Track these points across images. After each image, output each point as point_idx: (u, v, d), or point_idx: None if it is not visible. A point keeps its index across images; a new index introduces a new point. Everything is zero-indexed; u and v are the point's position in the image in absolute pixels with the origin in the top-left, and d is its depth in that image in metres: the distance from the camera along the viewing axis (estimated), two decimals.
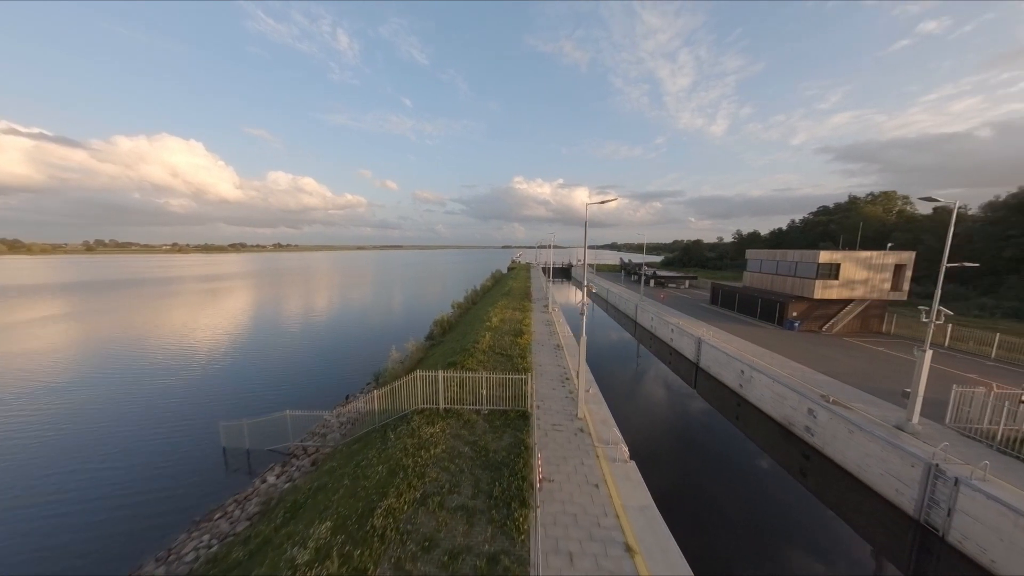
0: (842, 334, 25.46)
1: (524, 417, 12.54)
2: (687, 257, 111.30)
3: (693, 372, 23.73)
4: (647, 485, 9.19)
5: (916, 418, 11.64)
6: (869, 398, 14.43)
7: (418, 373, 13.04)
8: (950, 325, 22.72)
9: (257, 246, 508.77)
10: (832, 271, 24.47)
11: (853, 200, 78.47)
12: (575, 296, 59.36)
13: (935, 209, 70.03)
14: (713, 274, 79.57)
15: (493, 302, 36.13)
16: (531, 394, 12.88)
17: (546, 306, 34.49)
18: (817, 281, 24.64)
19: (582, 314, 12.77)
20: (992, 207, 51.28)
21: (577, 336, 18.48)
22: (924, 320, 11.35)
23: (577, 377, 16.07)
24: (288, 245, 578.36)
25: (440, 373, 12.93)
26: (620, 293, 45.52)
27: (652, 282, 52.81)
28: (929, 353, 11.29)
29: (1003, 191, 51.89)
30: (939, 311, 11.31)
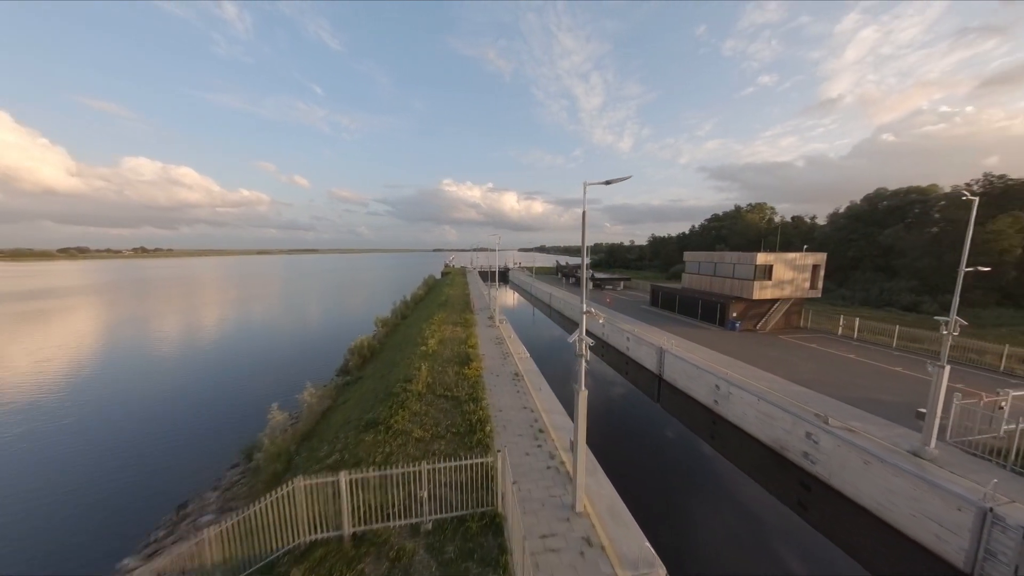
0: (772, 332, 26.54)
1: (494, 527, 7.75)
2: (612, 259, 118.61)
3: (655, 385, 21.75)
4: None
5: (933, 443, 10.23)
6: (857, 412, 13.32)
7: (301, 483, 7.19)
8: (857, 318, 25.12)
9: (107, 251, 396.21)
10: (767, 272, 25.18)
11: (737, 209, 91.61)
12: (517, 301, 56.08)
13: (792, 217, 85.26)
14: (636, 274, 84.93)
15: (428, 316, 30.14)
16: (503, 485, 8.12)
17: (491, 317, 29.92)
18: (755, 282, 25.10)
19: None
20: (835, 217, 64.35)
21: (544, 357, 14.30)
22: (944, 332, 9.93)
23: (554, 428, 11.86)
24: (157, 250, 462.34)
25: (343, 478, 7.29)
26: (565, 298, 43.47)
27: (591, 285, 52.39)
28: (947, 369, 9.91)
29: (815, 206, 65.06)
30: (956, 322, 10.04)
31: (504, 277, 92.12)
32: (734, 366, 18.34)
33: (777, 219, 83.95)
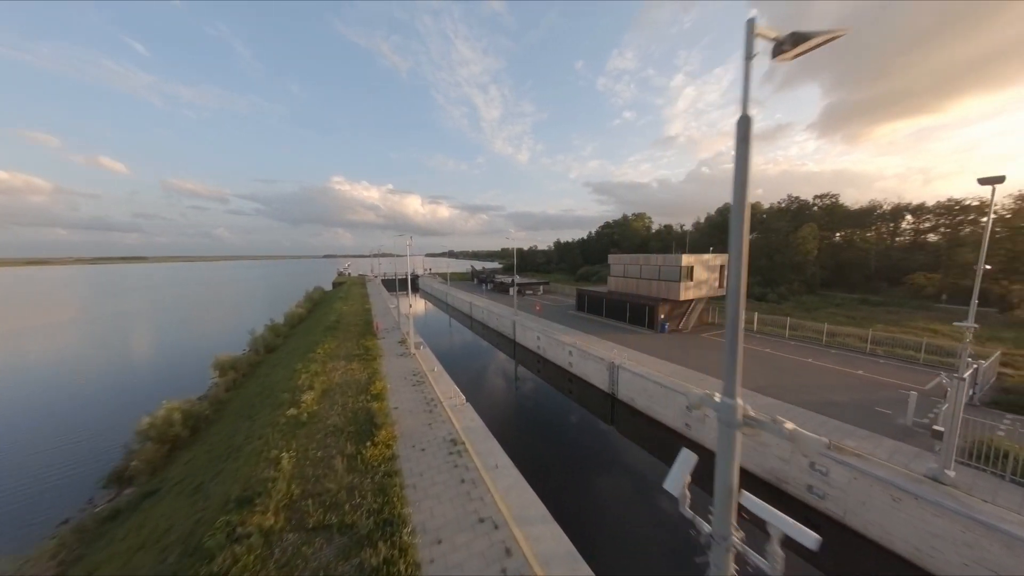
0: (693, 331, 27.21)
1: None
2: (523, 263, 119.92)
3: (608, 406, 18.73)
4: None
5: (952, 464, 8.93)
6: (830, 423, 12.15)
7: None
8: (756, 313, 27.66)
9: None
10: (689, 273, 25.41)
11: (625, 217, 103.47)
12: (431, 313, 48.43)
13: (664, 225, 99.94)
14: (547, 277, 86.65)
15: (309, 347, 21.04)
16: None
17: (403, 342, 22.72)
18: (681, 283, 25.02)
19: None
20: (698, 225, 77.98)
21: (486, 398, 9.10)
22: (967, 340, 8.61)
23: (542, 560, 6.66)
24: None
25: None
26: (488, 307, 38.51)
27: (511, 290, 49.04)
28: (966, 382, 8.64)
29: (668, 218, 79.02)
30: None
31: (413, 285, 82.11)
32: (690, 377, 16.47)
33: (654, 227, 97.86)
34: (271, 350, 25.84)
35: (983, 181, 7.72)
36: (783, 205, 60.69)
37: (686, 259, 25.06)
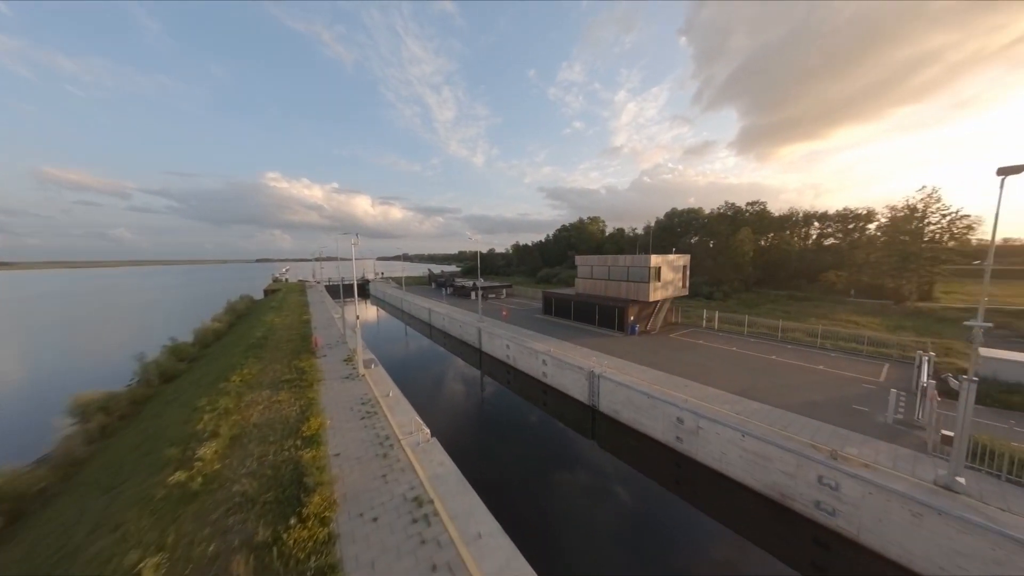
0: (661, 332, 27.07)
1: None
2: (483, 266, 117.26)
3: (588, 419, 17.13)
4: None
5: (962, 471, 8.46)
6: (831, 429, 11.63)
7: None
8: (716, 312, 28.39)
9: None
10: (657, 273, 25.11)
11: (581, 220, 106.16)
12: (384, 322, 43.62)
13: (616, 228, 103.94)
14: (508, 279, 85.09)
15: (220, 375, 16.45)
16: None
17: (350, 360, 19.02)
18: (651, 283, 24.59)
19: None
20: (648, 229, 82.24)
21: (459, 431, 7.51)
22: (972, 342, 8.14)
23: None
24: None
25: None
26: (449, 314, 35.33)
27: (473, 294, 46.22)
28: (975, 384, 8.19)
29: (616, 223, 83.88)
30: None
31: (364, 291, 75.00)
32: (675, 384, 15.46)
33: (608, 231, 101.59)
34: (169, 379, 20.18)
35: (1002, 171, 7.20)
36: (722, 211, 65.95)
37: (654, 259, 24.71)
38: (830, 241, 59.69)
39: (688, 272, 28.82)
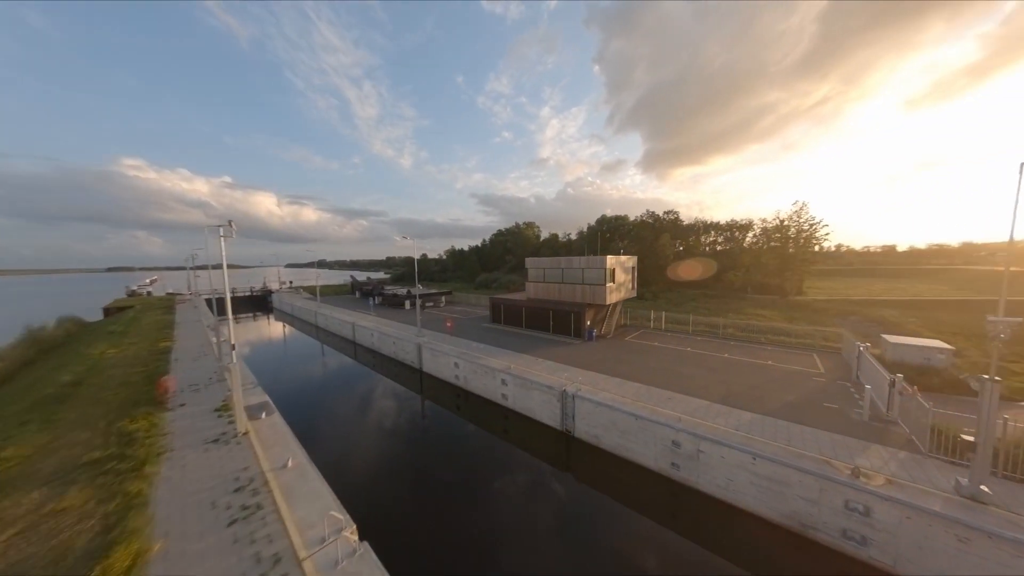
0: (616, 336, 26.15)
1: None
2: (419, 271, 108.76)
3: (563, 447, 14.35)
4: None
5: (986, 477, 7.81)
6: (827, 436, 10.77)
7: None
8: (653, 312, 28.74)
9: None
10: (612, 275, 24.02)
11: (517, 225, 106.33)
12: (291, 343, 34.65)
13: (551, 234, 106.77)
14: (444, 286, 79.62)
15: None
16: None
17: (224, 410, 12.81)
18: (607, 286, 23.31)
19: None
20: (581, 235, 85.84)
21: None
22: (996, 337, 7.48)
23: None
24: None
25: None
26: (378, 328, 29.35)
27: (408, 304, 40.33)
28: (998, 383, 7.57)
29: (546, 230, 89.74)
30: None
31: (263, 304, 61.19)
32: (657, 398, 13.69)
33: (543, 236, 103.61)
34: None
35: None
36: (645, 219, 72.01)
37: (609, 260, 23.55)
38: (721, 247, 69.76)
39: (636, 273, 28.74)
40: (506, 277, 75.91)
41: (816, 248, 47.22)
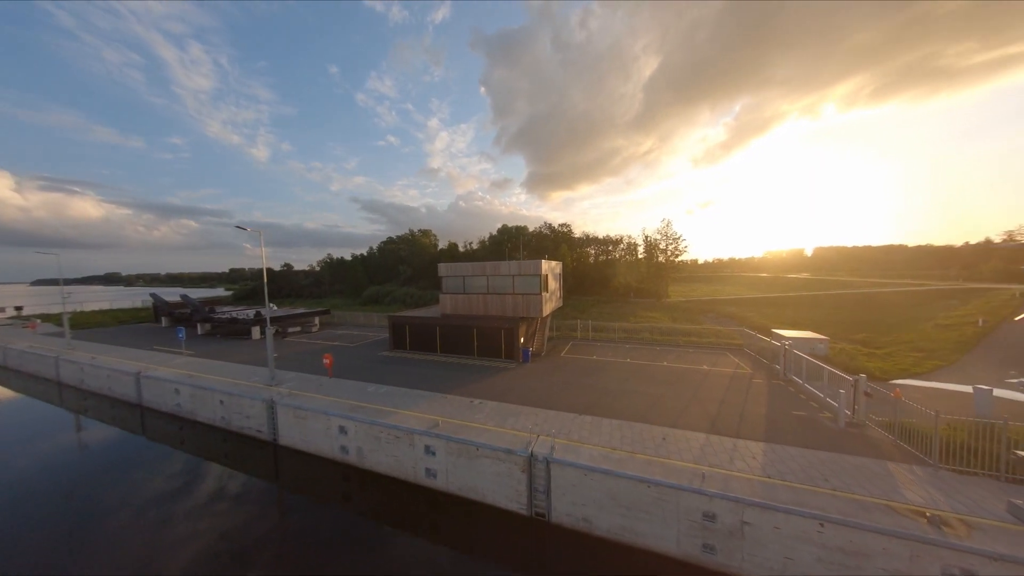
0: (550, 353, 22.82)
1: None
2: (280, 286, 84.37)
3: (532, 540, 9.33)
4: None
5: None
6: (837, 460, 9.16)
7: None
8: (589, 321, 27.13)
9: None
10: (545, 283, 20.63)
11: (412, 233, 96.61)
12: (21, 421, 17.68)
13: (450, 243, 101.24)
14: (322, 303, 63.54)
15: None
16: None
17: None
18: (543, 295, 19.71)
19: None
20: (483, 244, 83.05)
21: None
22: None
23: None
24: None
25: None
26: (193, 381, 17.63)
27: (258, 332, 27.70)
28: None
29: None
30: None
31: None
32: (641, 440, 10.31)
33: (441, 245, 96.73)
34: None
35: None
36: (543, 231, 74.78)
37: (544, 266, 20.09)
38: (602, 259, 79.08)
39: (562, 280, 26.47)
40: (402, 290, 65.70)
41: (680, 259, 57.12)
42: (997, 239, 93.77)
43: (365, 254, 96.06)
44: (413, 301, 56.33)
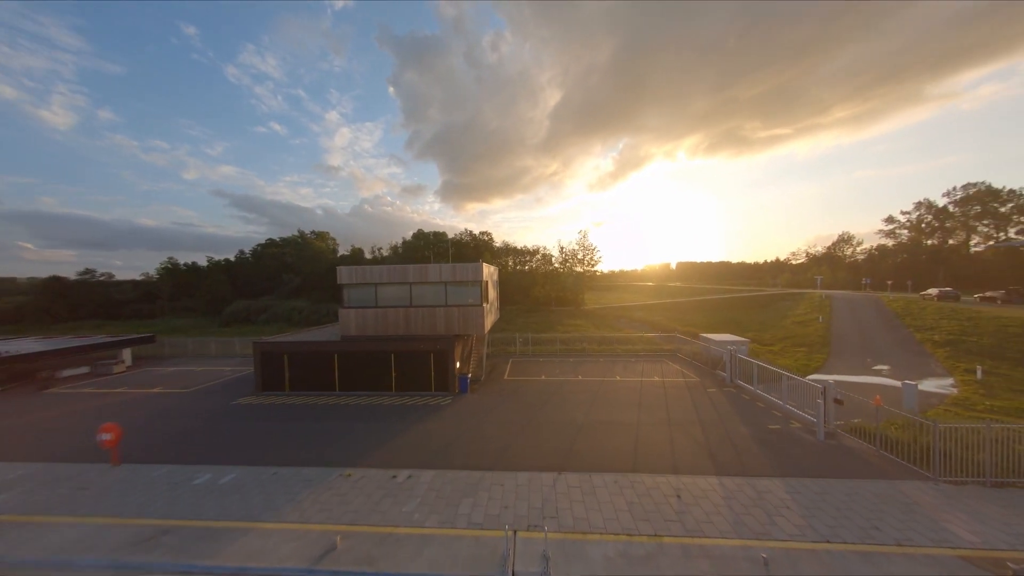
0: (490, 375, 18.81)
1: None
2: (84, 303, 57.13)
3: None
4: None
5: None
6: (849, 491, 7.90)
7: None
8: (529, 334, 24.13)
9: None
10: (486, 292, 16.78)
11: (302, 234, 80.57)
12: None
13: (355, 247, 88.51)
14: (153, 326, 45.30)
15: None
16: None
17: None
18: (483, 306, 15.77)
19: None
20: (396, 251, 73.70)
21: None
22: None
23: None
24: None
25: None
26: None
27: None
28: None
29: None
30: None
31: None
32: (639, 496, 7.50)
33: (342, 251, 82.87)
34: None
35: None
36: (463, 238, 70.77)
37: (485, 270, 16.23)
38: (520, 268, 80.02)
39: (499, 290, 22.99)
40: (286, 304, 51.70)
41: (596, 269, 60.67)
42: (783, 258, 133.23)
43: (233, 259, 74.97)
44: (301, 319, 44.37)
